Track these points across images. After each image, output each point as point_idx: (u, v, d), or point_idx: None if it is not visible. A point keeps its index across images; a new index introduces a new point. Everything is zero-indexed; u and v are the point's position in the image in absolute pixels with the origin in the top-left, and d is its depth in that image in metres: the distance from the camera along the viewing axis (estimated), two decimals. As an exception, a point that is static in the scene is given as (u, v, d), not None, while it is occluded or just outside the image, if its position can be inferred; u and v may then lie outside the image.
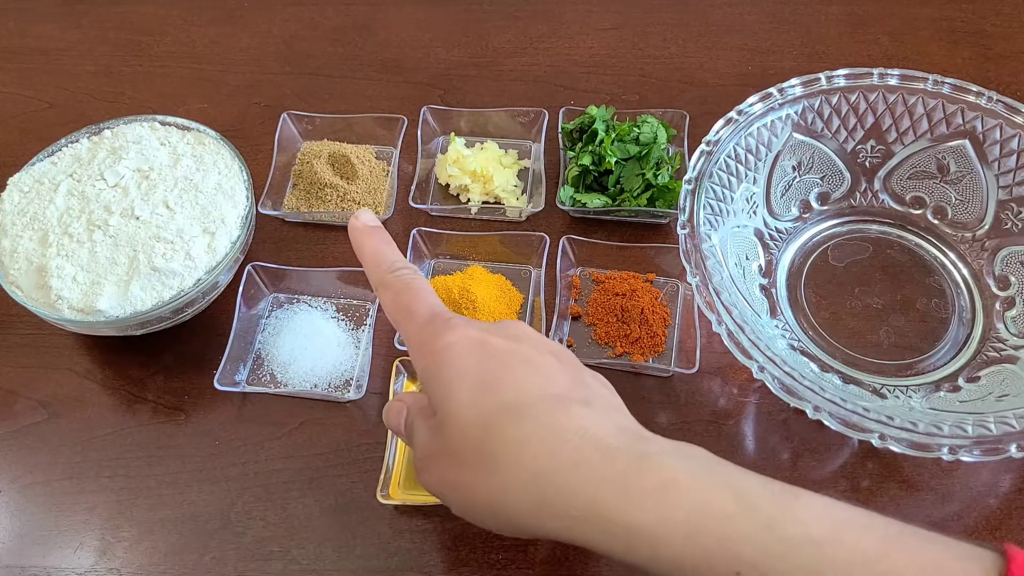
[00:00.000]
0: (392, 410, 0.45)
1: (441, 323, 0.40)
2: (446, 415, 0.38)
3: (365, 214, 0.45)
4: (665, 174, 0.60)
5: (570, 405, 0.37)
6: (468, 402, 0.37)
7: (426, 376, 0.39)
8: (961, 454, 0.42)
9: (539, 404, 0.37)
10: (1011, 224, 0.55)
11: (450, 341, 0.39)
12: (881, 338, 0.55)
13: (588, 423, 0.36)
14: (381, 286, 0.43)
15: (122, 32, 0.77)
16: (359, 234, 0.45)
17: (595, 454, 0.35)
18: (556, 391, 0.38)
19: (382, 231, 0.45)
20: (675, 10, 0.77)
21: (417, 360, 0.40)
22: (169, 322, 0.54)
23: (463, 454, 0.37)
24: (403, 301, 0.42)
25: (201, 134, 0.58)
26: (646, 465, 0.34)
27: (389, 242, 0.45)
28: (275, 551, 0.49)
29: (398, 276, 0.42)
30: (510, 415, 0.36)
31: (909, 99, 0.56)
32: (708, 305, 0.48)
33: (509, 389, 0.37)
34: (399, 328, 0.42)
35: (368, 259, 0.44)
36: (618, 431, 0.36)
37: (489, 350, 0.39)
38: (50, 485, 0.52)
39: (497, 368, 0.38)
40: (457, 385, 0.38)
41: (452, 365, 0.38)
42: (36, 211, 0.53)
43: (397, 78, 0.72)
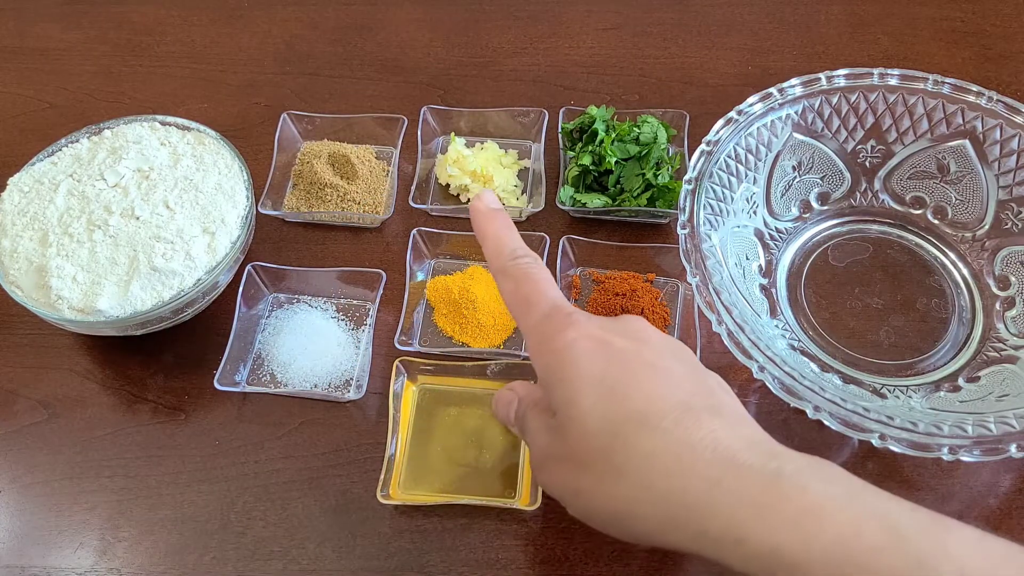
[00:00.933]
0: (502, 400, 0.44)
1: (562, 318, 0.39)
2: (569, 419, 0.37)
3: (488, 195, 0.44)
4: (665, 174, 0.60)
5: (700, 415, 0.35)
6: (593, 408, 0.36)
7: (546, 374, 0.38)
8: (961, 454, 0.42)
9: (668, 414, 0.35)
10: (1011, 224, 0.55)
11: (572, 339, 0.38)
12: (881, 338, 0.55)
13: (720, 436, 0.34)
14: (501, 274, 0.42)
15: (122, 32, 0.77)
16: (481, 217, 0.43)
17: (729, 472, 0.33)
18: (683, 398, 0.36)
19: (504, 215, 0.44)
20: (675, 10, 0.77)
21: (536, 356, 0.39)
22: (169, 322, 0.54)
23: (588, 461, 0.36)
24: (523, 292, 0.40)
25: (201, 134, 0.58)
26: (786, 486, 0.33)
27: (511, 227, 0.43)
28: (275, 551, 0.49)
29: (518, 264, 0.41)
30: (638, 426, 0.35)
31: (909, 99, 0.56)
32: (708, 305, 0.48)
33: (636, 397, 0.36)
34: (517, 319, 0.41)
35: (489, 245, 0.43)
36: (750, 445, 0.35)
37: (612, 352, 0.37)
38: (50, 485, 0.52)
39: (622, 373, 0.37)
40: (581, 388, 0.37)
41: (575, 365, 0.37)
42: (36, 211, 0.53)
43: (397, 78, 0.72)
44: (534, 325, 0.39)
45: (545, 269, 0.42)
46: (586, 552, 0.48)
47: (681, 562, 0.47)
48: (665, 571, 0.47)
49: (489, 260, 0.43)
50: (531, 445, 0.41)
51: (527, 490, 0.49)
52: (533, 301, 0.40)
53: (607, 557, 0.48)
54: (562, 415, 0.37)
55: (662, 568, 0.47)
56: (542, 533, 0.49)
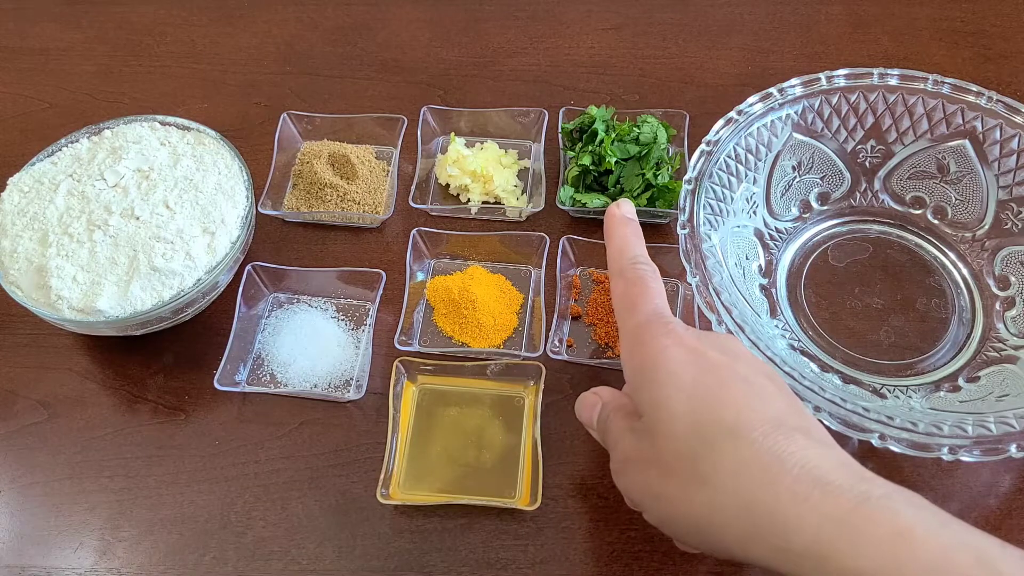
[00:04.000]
0: (586, 403, 0.44)
1: (660, 324, 0.39)
2: (657, 422, 0.37)
3: (626, 205, 0.46)
4: (665, 174, 0.60)
5: (791, 433, 0.35)
6: (683, 413, 0.36)
7: (637, 375, 0.39)
8: (961, 454, 0.42)
9: (759, 428, 0.35)
10: (1011, 224, 0.55)
11: (666, 344, 0.38)
12: (881, 338, 0.55)
13: (810, 454, 0.34)
14: (617, 274, 0.43)
15: (122, 32, 0.77)
16: (614, 221, 0.45)
17: (816, 489, 0.33)
18: (775, 415, 0.36)
19: (635, 224, 0.45)
20: (675, 10, 0.77)
21: (628, 357, 0.40)
22: (169, 322, 0.54)
23: (673, 466, 0.36)
24: (631, 294, 0.42)
25: (201, 134, 0.58)
26: (875, 509, 0.32)
27: (639, 236, 0.45)
28: (275, 551, 0.49)
29: (636, 268, 0.43)
30: (729, 435, 0.35)
31: (909, 99, 0.56)
32: (708, 305, 0.48)
33: (727, 408, 0.36)
34: (619, 320, 0.42)
35: (614, 246, 0.44)
36: (839, 466, 0.34)
37: (706, 363, 0.37)
38: (50, 485, 0.52)
39: (715, 384, 0.37)
40: (672, 393, 0.37)
41: (666, 370, 0.37)
42: (36, 211, 0.53)
43: (397, 78, 0.72)
44: (632, 328, 0.40)
45: (660, 280, 0.43)
46: (586, 552, 0.48)
47: (684, 564, 0.47)
48: (666, 572, 0.47)
49: (610, 259, 0.44)
50: (612, 448, 0.41)
51: (527, 490, 0.49)
52: (637, 305, 0.41)
53: (607, 557, 0.48)
54: (649, 417, 0.37)
55: (663, 569, 0.47)
56: (542, 533, 0.49)
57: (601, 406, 0.43)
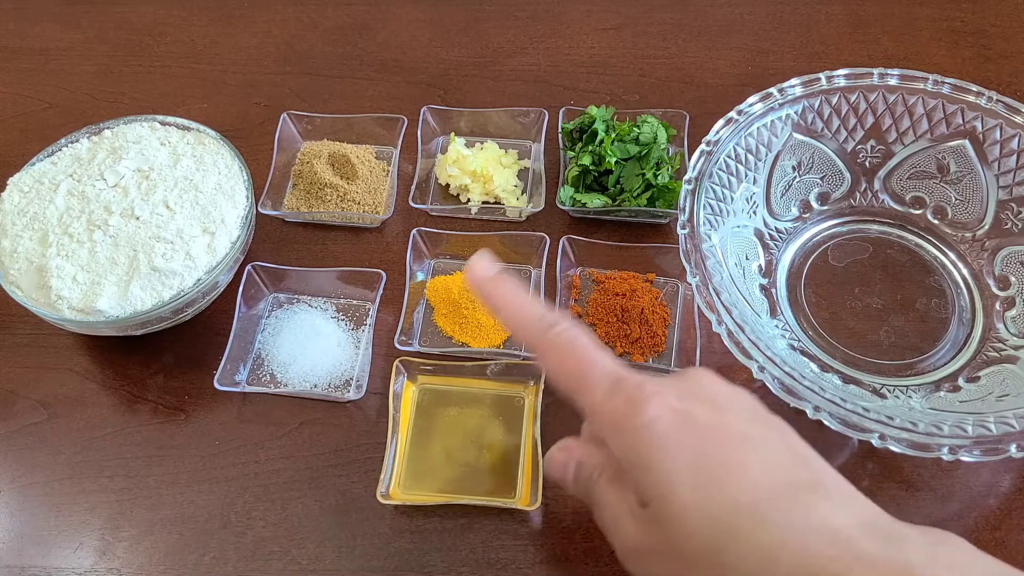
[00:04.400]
0: (555, 462, 0.41)
1: (633, 391, 0.36)
2: (668, 516, 0.34)
3: (482, 260, 0.40)
4: (665, 174, 0.60)
5: (808, 499, 0.33)
6: (694, 503, 0.33)
7: (631, 457, 0.35)
8: (961, 454, 0.42)
9: (777, 502, 0.33)
10: (1011, 224, 0.55)
11: (653, 416, 0.35)
12: (881, 338, 0.55)
13: (835, 523, 0.32)
14: (539, 348, 0.38)
15: (122, 32, 0.77)
16: (487, 285, 0.39)
17: (855, 565, 0.31)
18: (786, 477, 0.34)
19: (511, 278, 0.40)
20: (675, 10, 0.77)
21: (612, 435, 0.36)
22: (169, 322, 0.54)
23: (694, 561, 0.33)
24: (572, 368, 0.37)
25: (201, 134, 0.58)
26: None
27: (523, 290, 0.40)
28: (275, 551, 0.49)
29: (558, 335, 0.37)
30: (747, 520, 0.33)
31: (909, 99, 0.56)
32: (708, 305, 0.48)
33: (737, 482, 0.33)
34: (574, 397, 0.37)
35: (511, 316, 0.39)
36: (867, 529, 0.32)
37: (699, 428, 0.35)
38: (50, 485, 0.52)
39: (715, 452, 0.34)
40: (674, 477, 0.34)
41: (661, 447, 0.34)
42: (36, 211, 0.53)
43: (397, 78, 0.72)
44: (600, 404, 0.36)
45: (586, 332, 0.38)
46: (586, 552, 0.48)
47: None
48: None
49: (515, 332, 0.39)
50: (613, 532, 0.38)
51: (527, 490, 0.49)
52: (588, 375, 0.37)
53: (607, 557, 0.48)
54: (657, 508, 0.35)
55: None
56: (542, 533, 0.49)
57: (576, 465, 0.40)
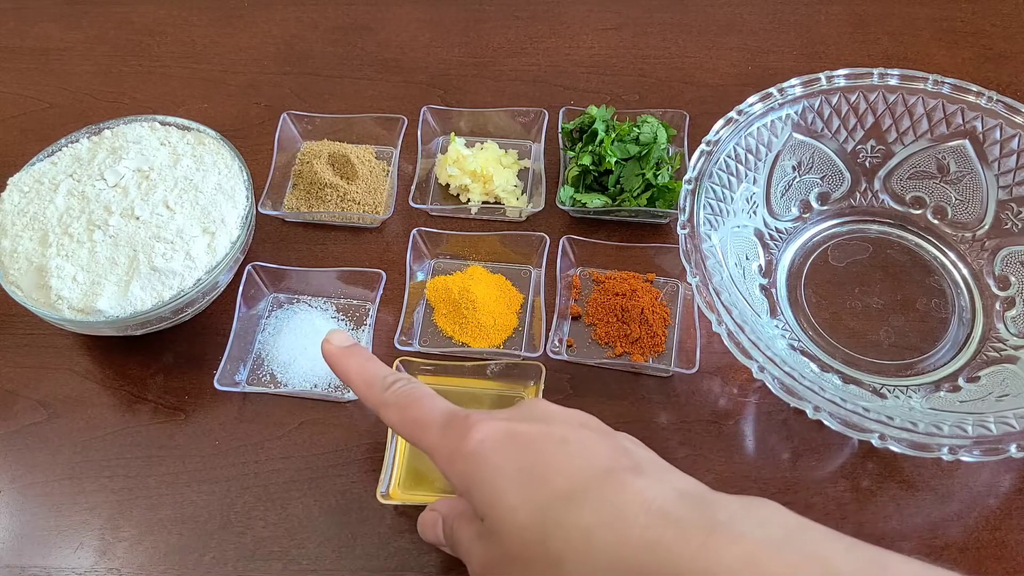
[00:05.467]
0: (426, 522, 0.43)
1: (461, 423, 0.38)
2: (497, 520, 0.36)
3: (337, 336, 0.44)
4: (665, 174, 0.60)
5: (623, 477, 0.35)
6: (518, 501, 0.35)
7: (464, 481, 0.37)
8: (961, 454, 0.42)
9: (592, 485, 0.34)
10: (1011, 224, 0.55)
11: (479, 439, 0.37)
12: (881, 338, 0.55)
13: (649, 495, 0.34)
14: (381, 407, 0.41)
15: (122, 32, 0.77)
16: (338, 359, 0.43)
17: (667, 531, 0.32)
18: (602, 464, 0.36)
19: (360, 348, 0.44)
20: (675, 10, 0.77)
21: (448, 468, 0.38)
22: (169, 322, 0.54)
23: (527, 557, 0.35)
24: (411, 415, 0.40)
25: (201, 134, 0.58)
26: (721, 537, 0.32)
27: (371, 358, 0.43)
28: (275, 551, 0.49)
29: (396, 391, 0.41)
30: (566, 504, 0.34)
31: (909, 99, 0.56)
32: (708, 305, 0.48)
33: (556, 476, 0.35)
34: (417, 443, 0.40)
35: (358, 383, 0.42)
36: (680, 497, 0.34)
37: (521, 439, 0.37)
38: (50, 485, 0.52)
39: (536, 457, 0.36)
40: (501, 485, 0.36)
41: (489, 464, 0.36)
42: (36, 211, 0.53)
43: (397, 78, 0.72)
44: (436, 440, 0.38)
45: (423, 385, 0.41)
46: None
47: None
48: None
49: (362, 397, 0.42)
50: (467, 560, 0.39)
51: (527, 490, 0.49)
52: (425, 420, 0.39)
53: None
54: (490, 518, 0.36)
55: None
56: (542, 533, 0.49)
57: (442, 521, 0.42)
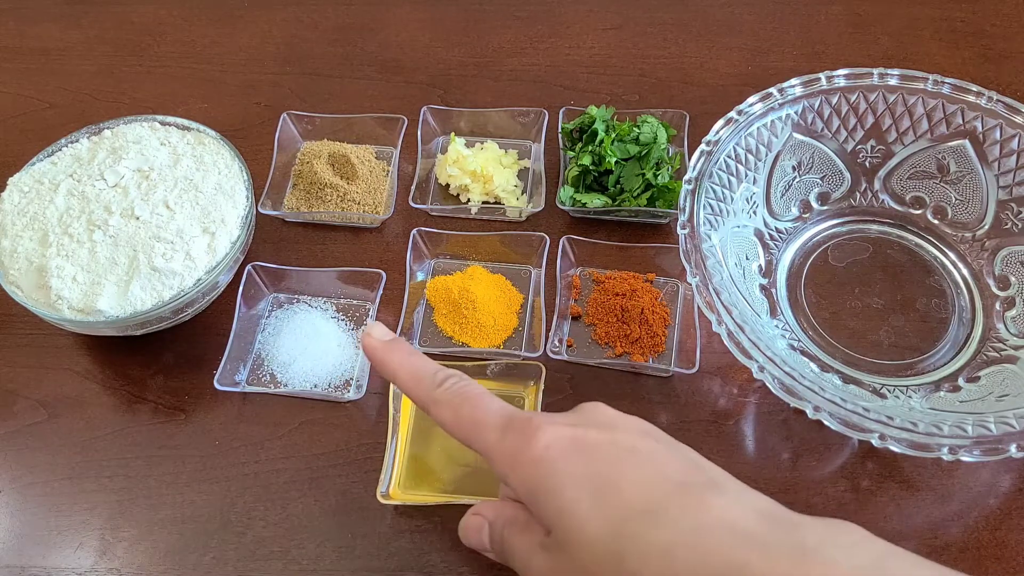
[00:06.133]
0: (471, 527, 0.42)
1: (524, 426, 0.37)
2: (568, 531, 0.34)
3: (377, 329, 0.42)
4: (665, 174, 0.60)
5: (702, 494, 0.34)
6: (591, 514, 0.34)
7: (528, 488, 0.36)
8: (961, 454, 0.42)
9: (670, 501, 0.34)
10: (1011, 224, 0.55)
11: (544, 444, 0.36)
12: (881, 338, 0.55)
13: (731, 514, 0.33)
14: (432, 404, 0.40)
15: (122, 32, 0.77)
16: (381, 353, 0.41)
17: (752, 553, 0.31)
18: (676, 478, 0.35)
19: (402, 342, 0.42)
20: (675, 10, 0.77)
21: (510, 473, 0.37)
22: (169, 322, 0.54)
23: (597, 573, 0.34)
24: (466, 415, 0.38)
25: (201, 134, 0.58)
26: (812, 564, 0.31)
27: (415, 352, 0.42)
28: (275, 551, 0.49)
29: (449, 389, 0.39)
30: (643, 520, 0.33)
31: (909, 99, 0.56)
32: (708, 305, 0.48)
33: (630, 489, 0.34)
34: (471, 444, 0.39)
35: (405, 379, 0.41)
36: (761, 518, 0.33)
37: (589, 447, 0.36)
38: (50, 485, 0.52)
39: (607, 467, 0.35)
40: (572, 495, 0.35)
41: (558, 472, 0.35)
42: (36, 211, 0.53)
43: (397, 78, 0.72)
44: (495, 444, 0.37)
45: (475, 383, 0.40)
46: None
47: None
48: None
49: (409, 393, 0.41)
50: (524, 570, 0.38)
51: (527, 490, 0.49)
52: (482, 420, 0.38)
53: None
54: (559, 529, 0.35)
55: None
56: (542, 533, 0.49)
57: (488, 526, 0.41)
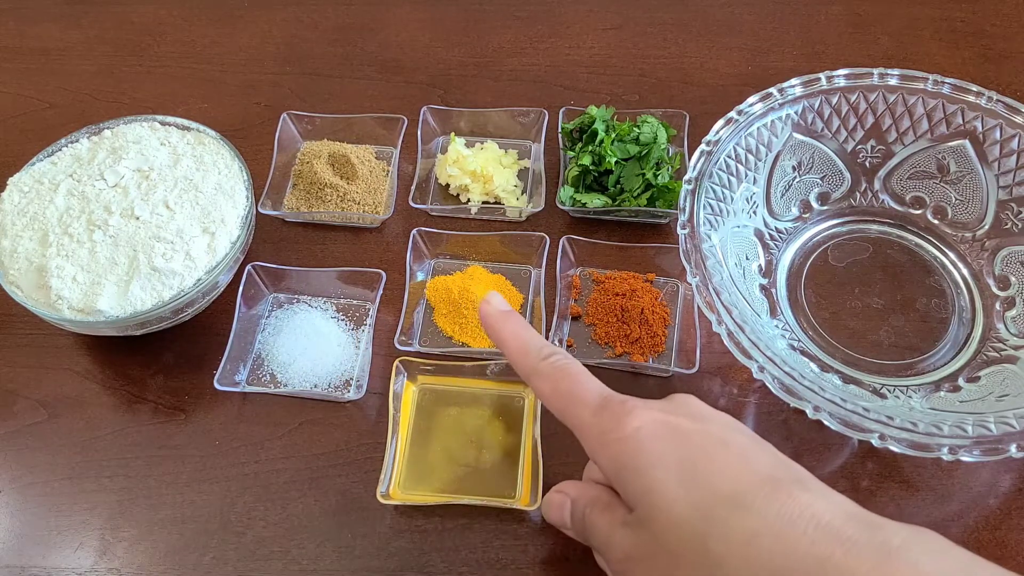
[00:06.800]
0: (554, 504, 0.43)
1: (618, 407, 0.38)
2: (653, 510, 0.35)
3: (495, 298, 0.44)
4: (665, 174, 0.60)
5: (790, 489, 0.34)
6: (678, 495, 0.35)
7: (616, 466, 0.37)
8: (961, 454, 0.42)
9: (758, 491, 0.34)
10: (1011, 224, 0.55)
11: (637, 426, 0.37)
12: (881, 338, 0.55)
13: (817, 510, 0.33)
14: (534, 375, 0.41)
15: (122, 32, 0.77)
16: (495, 320, 0.43)
17: (837, 549, 0.32)
18: (765, 472, 0.35)
19: (517, 315, 0.44)
20: (675, 10, 0.77)
21: (600, 450, 0.38)
22: (169, 322, 0.54)
23: (682, 553, 0.34)
24: (565, 388, 0.40)
25: (201, 134, 0.58)
26: (898, 562, 0.31)
27: (527, 326, 0.43)
28: (275, 551, 0.49)
29: (552, 363, 0.41)
30: (730, 506, 0.34)
31: (909, 99, 0.56)
32: (708, 305, 0.48)
33: (719, 477, 0.35)
34: (566, 417, 0.40)
35: (513, 348, 0.42)
36: (849, 517, 0.33)
37: (681, 433, 0.37)
38: (50, 485, 0.52)
39: (697, 454, 0.36)
40: (659, 475, 0.35)
41: (648, 452, 0.36)
42: (36, 211, 0.53)
43: (397, 78, 0.72)
44: (588, 420, 0.39)
45: (578, 362, 0.41)
46: (586, 552, 0.48)
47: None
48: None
49: (515, 362, 0.42)
50: (605, 549, 0.39)
51: (527, 490, 0.49)
52: (580, 396, 0.39)
53: (607, 557, 0.48)
54: (643, 508, 0.36)
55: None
56: (542, 533, 0.49)
57: (571, 503, 0.42)
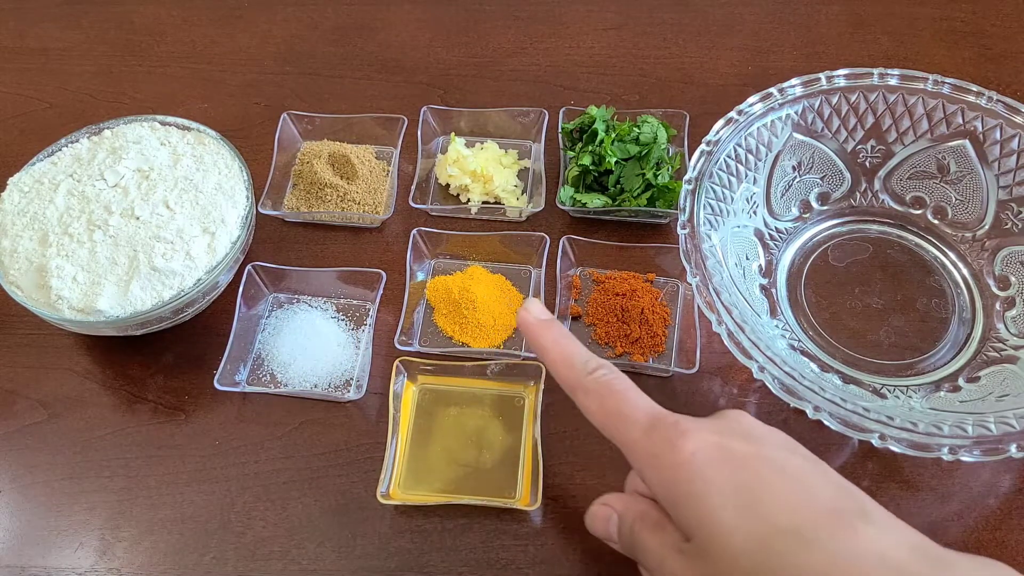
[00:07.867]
0: (599, 516, 0.42)
1: (670, 429, 0.37)
2: (710, 541, 0.35)
3: (535, 305, 0.43)
4: (665, 174, 0.60)
5: (853, 522, 0.34)
6: (736, 526, 0.34)
7: (670, 492, 0.36)
8: (961, 454, 0.42)
9: (819, 525, 0.33)
10: (1011, 224, 0.55)
11: (691, 450, 0.36)
12: (881, 338, 0.55)
13: (882, 546, 0.33)
14: (580, 390, 0.40)
15: (122, 32, 0.77)
16: (536, 329, 0.42)
17: None
18: (826, 503, 0.35)
19: (557, 323, 0.42)
20: (675, 10, 0.77)
21: (652, 473, 0.37)
22: (169, 322, 0.54)
23: None
24: (612, 406, 0.39)
25: (201, 134, 0.58)
26: None
27: (569, 336, 0.42)
28: (275, 551, 0.49)
29: (598, 379, 0.39)
30: (792, 541, 0.33)
31: (909, 99, 0.56)
32: (708, 305, 0.48)
33: (778, 508, 0.34)
34: (614, 437, 0.39)
35: (556, 360, 0.41)
36: (913, 552, 0.33)
37: (737, 458, 0.36)
38: (50, 485, 0.52)
39: (754, 481, 0.35)
40: (716, 503, 0.35)
41: (703, 480, 0.35)
42: (36, 211, 0.53)
43: (397, 78, 0.72)
44: (637, 440, 0.38)
45: (624, 376, 0.40)
46: (586, 552, 0.48)
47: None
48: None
49: (557, 375, 0.41)
50: (656, 569, 0.38)
51: (527, 490, 0.49)
52: (629, 415, 0.38)
53: (607, 557, 0.48)
54: (700, 538, 0.35)
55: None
56: (542, 533, 0.49)
57: (618, 517, 0.41)
